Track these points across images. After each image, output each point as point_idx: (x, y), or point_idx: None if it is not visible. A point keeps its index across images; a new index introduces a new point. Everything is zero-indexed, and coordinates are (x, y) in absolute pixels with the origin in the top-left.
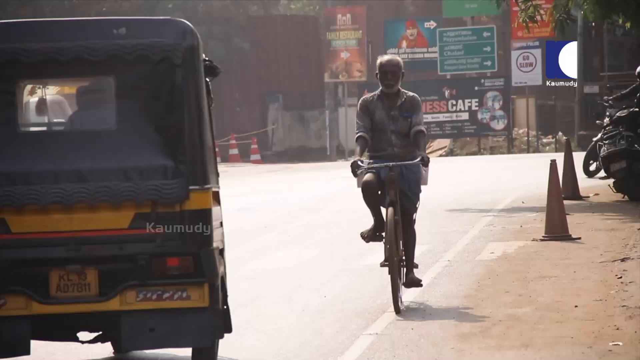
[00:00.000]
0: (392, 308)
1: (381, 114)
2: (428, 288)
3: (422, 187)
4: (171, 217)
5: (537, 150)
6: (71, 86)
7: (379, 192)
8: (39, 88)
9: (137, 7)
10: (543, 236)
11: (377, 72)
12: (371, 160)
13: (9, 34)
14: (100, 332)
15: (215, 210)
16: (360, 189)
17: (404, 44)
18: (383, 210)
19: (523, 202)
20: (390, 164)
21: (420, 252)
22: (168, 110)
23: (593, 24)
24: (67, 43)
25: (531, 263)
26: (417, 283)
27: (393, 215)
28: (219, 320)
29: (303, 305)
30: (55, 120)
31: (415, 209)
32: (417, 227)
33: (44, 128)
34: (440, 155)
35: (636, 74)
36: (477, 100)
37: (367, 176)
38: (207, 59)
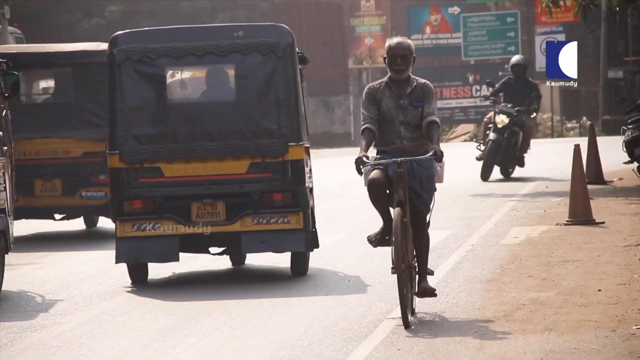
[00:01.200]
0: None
1: (389, 103)
2: (451, 273)
3: (438, 185)
4: (276, 165)
5: (561, 135)
6: (202, 71)
7: (387, 191)
8: (179, 72)
9: None
10: (567, 221)
11: (385, 56)
12: (378, 156)
13: (162, 36)
14: (225, 248)
15: (306, 160)
16: (366, 188)
17: (428, 29)
18: (393, 211)
19: (547, 187)
20: (399, 159)
21: (444, 236)
22: (273, 89)
23: (617, 8)
24: (201, 42)
25: (555, 247)
26: (430, 293)
27: (401, 217)
28: (310, 238)
29: (327, 289)
30: (192, 94)
31: (428, 209)
32: (440, 212)
33: (185, 100)
34: (465, 140)
35: (509, 66)
36: None
37: (374, 173)
38: (299, 51)
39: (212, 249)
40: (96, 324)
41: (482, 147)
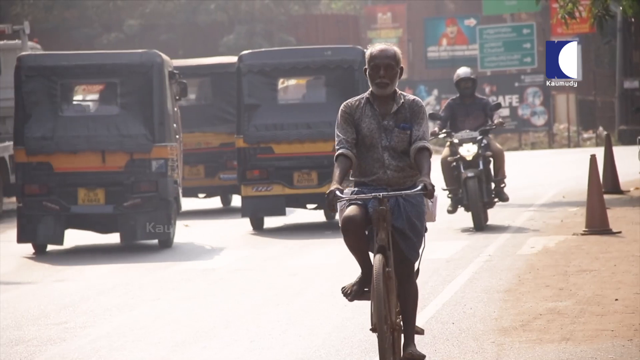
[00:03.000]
0: (432, 303)
1: (370, 125)
2: (469, 283)
3: (428, 224)
4: None
5: (577, 145)
6: (302, 80)
7: (366, 232)
8: (286, 81)
9: (180, 8)
10: (583, 230)
11: (365, 66)
12: (355, 189)
13: (274, 55)
14: (316, 205)
15: None
16: (340, 227)
17: (444, 41)
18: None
19: (564, 197)
20: (381, 194)
21: (461, 247)
22: (350, 92)
23: (632, 19)
24: (301, 59)
25: (571, 257)
26: None
27: (383, 266)
28: None
29: (345, 300)
30: (294, 97)
31: (417, 256)
32: (456, 222)
33: (289, 101)
34: None
35: (455, 82)
36: (517, 96)
37: (350, 210)
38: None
39: (309, 205)
40: (115, 336)
41: (454, 194)
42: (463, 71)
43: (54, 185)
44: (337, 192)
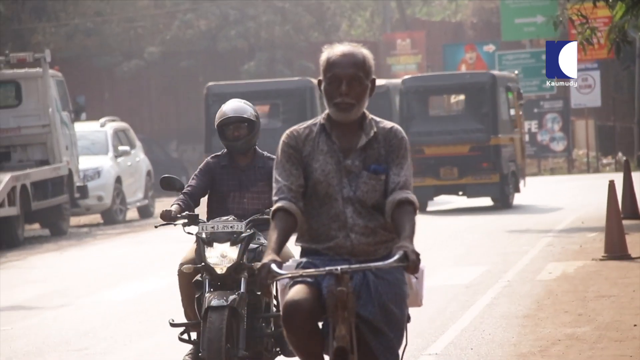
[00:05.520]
0: (451, 329)
1: (326, 165)
2: (487, 308)
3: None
4: (484, 148)
5: (597, 170)
6: (456, 97)
7: (319, 324)
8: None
9: (201, 35)
10: (602, 256)
11: (320, 77)
12: (303, 260)
13: (427, 79)
14: (461, 192)
15: (505, 144)
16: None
17: (464, 67)
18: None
19: (582, 223)
20: (339, 267)
21: (480, 272)
22: (481, 106)
23: None
24: (448, 82)
25: (590, 282)
26: None
27: None
28: (505, 188)
29: None
30: (443, 111)
31: (396, 357)
32: (476, 248)
33: (437, 113)
34: None
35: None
36: (536, 122)
37: (296, 292)
38: (518, 87)
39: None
40: None
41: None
42: (231, 107)
43: None
44: (273, 266)
